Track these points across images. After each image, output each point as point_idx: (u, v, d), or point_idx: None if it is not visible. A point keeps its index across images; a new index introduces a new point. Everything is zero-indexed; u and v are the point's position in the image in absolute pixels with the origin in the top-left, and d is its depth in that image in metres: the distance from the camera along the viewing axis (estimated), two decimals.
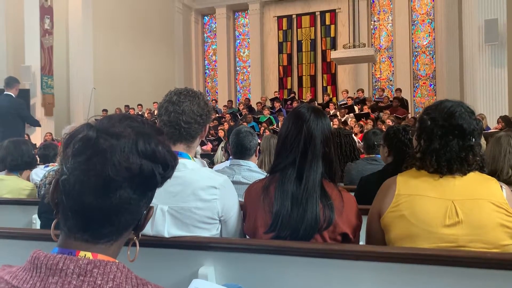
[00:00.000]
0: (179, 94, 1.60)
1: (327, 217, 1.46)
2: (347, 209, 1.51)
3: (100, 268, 0.72)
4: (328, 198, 1.49)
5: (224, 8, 17.74)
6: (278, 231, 1.48)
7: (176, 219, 1.49)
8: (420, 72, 16.07)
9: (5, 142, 3.30)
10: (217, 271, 1.43)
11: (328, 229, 1.47)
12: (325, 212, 1.46)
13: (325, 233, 1.47)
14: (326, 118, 1.60)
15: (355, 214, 1.54)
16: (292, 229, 1.47)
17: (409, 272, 1.26)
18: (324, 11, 16.61)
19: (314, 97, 15.06)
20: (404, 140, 2.61)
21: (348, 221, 1.50)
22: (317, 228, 1.46)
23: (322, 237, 1.47)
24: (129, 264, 0.80)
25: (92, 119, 0.80)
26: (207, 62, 18.98)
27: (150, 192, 0.81)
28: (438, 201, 1.43)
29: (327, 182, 1.54)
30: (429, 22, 15.94)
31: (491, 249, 1.38)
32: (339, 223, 1.48)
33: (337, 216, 1.48)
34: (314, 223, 1.45)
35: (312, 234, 1.46)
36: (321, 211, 1.46)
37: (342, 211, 1.49)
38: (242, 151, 2.69)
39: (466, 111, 1.49)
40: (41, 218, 2.48)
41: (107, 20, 13.85)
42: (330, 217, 1.46)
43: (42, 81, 11.21)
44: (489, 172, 2.15)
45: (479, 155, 1.49)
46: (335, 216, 1.47)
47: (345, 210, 1.50)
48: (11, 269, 0.76)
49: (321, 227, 1.46)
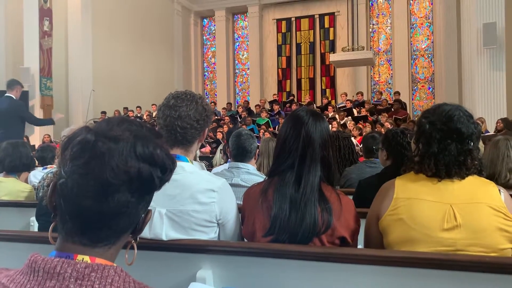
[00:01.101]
0: (176, 98, 1.59)
1: (326, 220, 1.46)
2: (346, 213, 1.51)
3: (98, 272, 0.72)
4: (327, 202, 1.48)
5: (223, 11, 17.78)
6: (276, 234, 1.48)
7: (174, 222, 1.48)
8: (419, 75, 16.12)
9: (3, 144, 3.30)
10: (215, 275, 1.42)
11: (327, 233, 1.46)
12: (323, 215, 1.46)
13: (323, 236, 1.46)
14: (324, 121, 1.60)
15: (353, 217, 1.54)
16: (290, 232, 1.46)
17: (407, 276, 1.26)
18: (323, 14, 16.68)
19: (313, 100, 15.10)
20: (403, 143, 2.60)
21: (346, 224, 1.50)
22: (315, 232, 1.45)
23: (320, 241, 1.47)
24: (127, 267, 0.80)
25: (91, 122, 0.80)
26: (206, 64, 19.00)
27: (148, 196, 0.81)
28: (436, 205, 1.43)
29: (325, 185, 1.54)
30: (428, 25, 15.99)
31: (490, 253, 1.38)
32: (337, 226, 1.47)
33: (335, 219, 1.47)
34: (313, 227, 1.45)
35: (311, 238, 1.46)
36: (319, 214, 1.46)
37: (341, 214, 1.49)
38: (244, 153, 2.69)
39: (465, 114, 1.49)
40: (39, 221, 2.47)
41: (106, 22, 13.86)
42: (329, 221, 1.46)
43: (41, 82, 11.19)
44: (487, 176, 2.15)
45: (477, 159, 1.49)
46: (333, 220, 1.47)
47: (343, 214, 1.50)
48: (8, 272, 0.76)
49: (320, 231, 1.46)
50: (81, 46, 12.86)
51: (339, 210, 1.49)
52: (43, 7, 11.20)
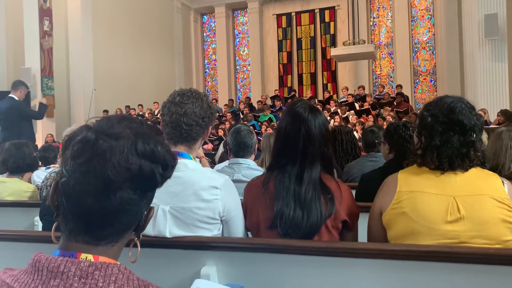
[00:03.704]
0: (182, 95, 1.60)
1: (329, 208, 1.52)
2: (346, 198, 1.58)
3: (102, 270, 0.72)
4: (329, 192, 1.54)
5: (223, 7, 17.72)
6: (282, 228, 1.51)
7: (177, 219, 1.49)
8: (421, 68, 16.05)
9: (7, 144, 3.30)
10: (219, 271, 1.43)
11: (330, 217, 1.52)
12: (327, 205, 1.52)
13: (328, 221, 1.52)
14: (322, 114, 1.64)
15: (353, 202, 1.62)
16: (297, 226, 1.50)
17: (412, 269, 1.26)
18: (323, 8, 16.60)
19: (314, 95, 15.06)
20: (405, 136, 2.60)
21: (348, 208, 1.57)
22: (322, 222, 1.50)
23: (325, 225, 1.51)
24: (131, 265, 0.80)
25: (91, 120, 0.80)
26: (207, 61, 18.97)
27: (150, 193, 0.81)
28: (439, 197, 1.43)
29: (324, 175, 1.59)
30: (429, 17, 15.90)
31: (493, 245, 1.38)
32: (340, 210, 1.54)
33: (337, 204, 1.53)
34: (320, 220, 1.50)
35: (319, 229, 1.50)
36: (324, 206, 1.51)
37: (342, 200, 1.56)
38: (244, 148, 2.69)
39: (467, 106, 1.48)
40: (43, 220, 2.48)
41: (106, 21, 13.84)
42: (332, 208, 1.52)
43: (42, 82, 11.19)
44: (490, 167, 2.14)
45: (480, 150, 1.48)
46: (336, 205, 1.53)
47: (344, 199, 1.57)
48: (12, 272, 0.76)
49: (324, 216, 1.51)
50: (81, 45, 12.86)
51: (340, 196, 1.56)
52: (42, 7, 11.18)
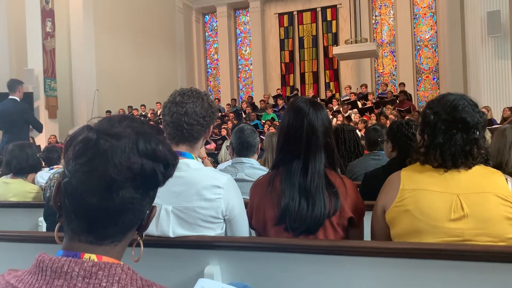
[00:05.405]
0: (182, 94, 1.60)
1: (334, 204, 1.52)
2: (351, 193, 1.57)
3: (105, 270, 0.72)
4: (333, 186, 1.54)
5: (224, 7, 17.73)
6: (288, 222, 1.51)
7: (180, 219, 1.49)
8: (423, 66, 16.00)
9: (10, 146, 3.31)
10: (223, 270, 1.43)
11: (336, 215, 1.51)
12: (331, 199, 1.52)
13: (333, 218, 1.52)
14: (323, 109, 1.65)
15: (358, 198, 1.61)
16: (302, 219, 1.50)
17: (415, 267, 1.26)
18: (325, 6, 16.57)
19: (317, 94, 15.04)
20: (408, 134, 2.59)
21: (353, 204, 1.56)
22: (326, 216, 1.50)
23: (330, 223, 1.51)
24: (135, 264, 0.80)
25: (92, 121, 0.80)
26: (209, 61, 18.98)
27: (152, 192, 0.81)
28: (443, 195, 1.42)
29: (329, 171, 1.59)
30: (431, 15, 15.85)
31: (497, 242, 1.37)
32: (345, 207, 1.53)
33: (342, 199, 1.53)
34: (323, 212, 1.50)
35: (322, 222, 1.50)
36: (327, 199, 1.51)
37: (347, 196, 1.55)
38: (248, 148, 2.69)
39: (469, 104, 1.48)
40: (47, 221, 2.49)
41: (108, 21, 13.87)
42: (337, 204, 1.52)
43: (45, 84, 11.23)
44: (494, 165, 2.13)
45: (483, 148, 1.48)
46: (341, 201, 1.53)
47: (349, 195, 1.56)
48: (16, 273, 0.77)
49: (329, 213, 1.51)
50: (83, 46, 12.89)
51: (345, 192, 1.55)
52: (45, 8, 11.21)
